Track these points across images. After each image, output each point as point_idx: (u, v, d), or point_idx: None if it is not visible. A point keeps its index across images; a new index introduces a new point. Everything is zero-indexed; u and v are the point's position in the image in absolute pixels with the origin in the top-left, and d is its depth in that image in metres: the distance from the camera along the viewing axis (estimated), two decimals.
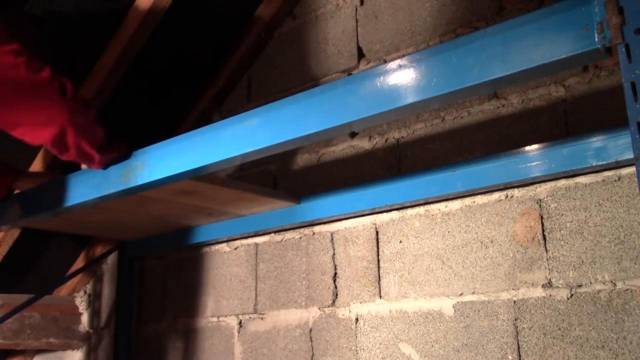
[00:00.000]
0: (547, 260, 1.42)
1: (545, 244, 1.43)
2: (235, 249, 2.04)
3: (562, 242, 1.41)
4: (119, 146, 1.47)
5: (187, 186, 1.54)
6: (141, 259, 2.29)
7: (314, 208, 1.76)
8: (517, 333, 1.43)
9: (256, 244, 1.99)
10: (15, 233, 2.08)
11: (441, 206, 1.60)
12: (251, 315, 1.94)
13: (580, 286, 1.36)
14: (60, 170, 1.80)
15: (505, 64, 0.90)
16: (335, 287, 1.77)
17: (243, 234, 1.95)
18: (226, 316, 2.01)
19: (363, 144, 1.83)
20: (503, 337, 1.45)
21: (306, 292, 1.82)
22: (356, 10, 1.94)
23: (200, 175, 1.41)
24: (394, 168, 1.75)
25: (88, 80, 1.82)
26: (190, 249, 2.16)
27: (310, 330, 1.79)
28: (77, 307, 2.41)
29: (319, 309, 1.78)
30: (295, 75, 2.05)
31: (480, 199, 1.54)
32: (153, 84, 2.05)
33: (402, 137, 1.75)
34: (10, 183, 1.71)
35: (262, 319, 1.91)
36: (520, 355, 1.41)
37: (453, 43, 0.96)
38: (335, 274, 1.77)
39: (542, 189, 1.45)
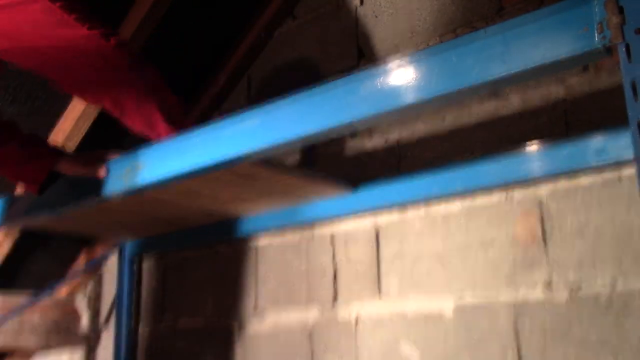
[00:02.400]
0: (548, 261, 1.41)
1: (545, 245, 1.43)
2: (235, 249, 2.04)
3: (563, 243, 1.40)
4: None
5: (187, 186, 1.54)
6: (141, 258, 2.29)
7: (314, 208, 1.76)
8: (518, 334, 1.42)
9: (256, 245, 1.98)
10: (15, 233, 2.08)
11: (441, 207, 1.60)
12: (251, 316, 1.94)
13: (580, 287, 1.36)
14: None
15: (505, 64, 0.90)
16: (335, 288, 1.76)
17: (243, 234, 1.95)
18: (226, 316, 2.01)
19: (363, 143, 1.83)
20: (503, 338, 1.44)
21: (306, 292, 1.82)
22: (356, 10, 1.94)
23: (199, 176, 1.41)
24: (394, 168, 1.75)
25: None
26: (190, 249, 2.16)
27: (310, 331, 1.79)
28: (77, 308, 2.41)
29: (319, 309, 1.78)
30: (295, 75, 2.05)
31: (480, 200, 1.54)
32: None
33: (402, 137, 1.75)
34: (50, 166, 1.44)
35: (262, 319, 1.91)
36: (520, 357, 1.41)
37: (453, 43, 0.96)
38: (335, 274, 1.77)
39: (543, 190, 1.45)
